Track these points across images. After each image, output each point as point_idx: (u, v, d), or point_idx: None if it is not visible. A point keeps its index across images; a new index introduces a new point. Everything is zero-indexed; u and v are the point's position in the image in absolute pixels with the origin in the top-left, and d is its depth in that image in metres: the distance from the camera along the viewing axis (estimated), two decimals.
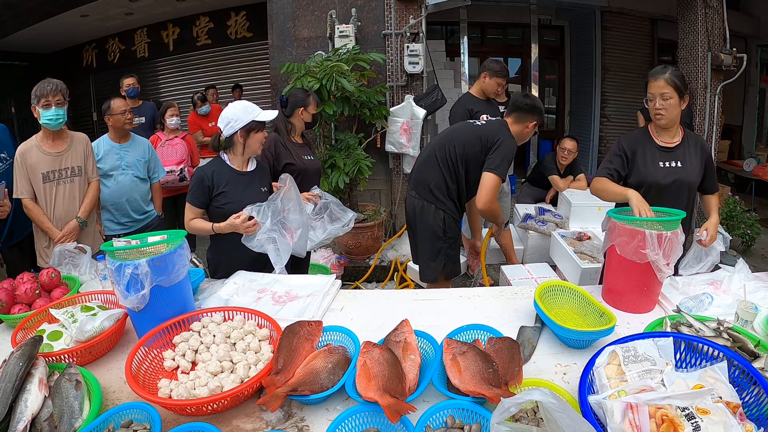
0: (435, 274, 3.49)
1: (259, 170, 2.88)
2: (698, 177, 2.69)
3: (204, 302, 2.27)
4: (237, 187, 2.73)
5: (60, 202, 3.29)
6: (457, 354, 1.57)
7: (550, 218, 4.97)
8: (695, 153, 2.68)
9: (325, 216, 3.24)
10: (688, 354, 1.53)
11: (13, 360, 1.50)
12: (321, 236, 3.20)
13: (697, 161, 2.67)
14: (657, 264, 2.02)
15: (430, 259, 3.48)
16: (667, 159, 2.67)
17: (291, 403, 1.56)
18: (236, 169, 2.78)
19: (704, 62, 6.04)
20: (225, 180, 2.72)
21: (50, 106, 3.15)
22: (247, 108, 2.69)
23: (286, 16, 6.27)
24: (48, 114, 3.14)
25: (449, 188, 3.37)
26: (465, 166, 3.32)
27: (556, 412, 1.12)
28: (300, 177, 3.34)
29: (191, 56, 10.28)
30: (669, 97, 2.52)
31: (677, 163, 2.66)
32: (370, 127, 5.88)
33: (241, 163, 2.80)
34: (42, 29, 9.21)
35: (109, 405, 1.57)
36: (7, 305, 2.20)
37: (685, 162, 2.66)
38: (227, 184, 2.71)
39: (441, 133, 3.55)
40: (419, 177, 3.45)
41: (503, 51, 10.37)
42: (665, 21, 8.66)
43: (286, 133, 3.45)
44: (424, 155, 3.49)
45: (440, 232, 3.41)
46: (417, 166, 3.51)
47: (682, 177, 2.65)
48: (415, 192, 3.45)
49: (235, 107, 2.71)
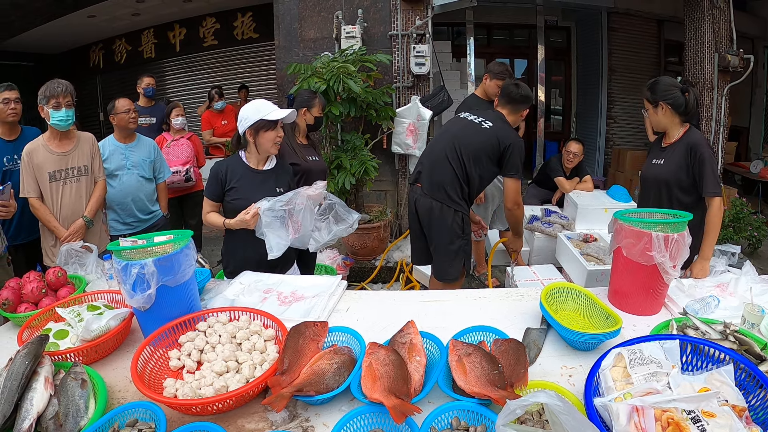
0: (457, 272, 3.56)
1: (277, 169, 2.86)
2: (675, 174, 2.80)
3: (210, 302, 2.28)
4: (249, 184, 2.73)
5: (66, 202, 3.31)
6: (462, 355, 1.57)
7: (557, 220, 4.96)
8: (681, 152, 2.79)
9: (330, 217, 3.24)
10: (694, 357, 1.52)
11: (19, 358, 1.50)
12: (326, 237, 3.19)
13: (680, 159, 2.78)
14: (663, 266, 2.02)
15: (450, 259, 3.54)
16: (657, 156, 2.95)
17: (296, 403, 1.56)
18: (251, 167, 2.79)
19: (711, 63, 6.03)
20: (238, 176, 2.74)
21: (60, 107, 3.17)
22: (259, 107, 2.69)
23: (292, 17, 6.28)
24: (58, 115, 3.16)
25: (463, 189, 3.43)
26: (477, 169, 3.39)
27: (562, 415, 1.12)
28: (304, 177, 3.36)
29: (198, 57, 10.31)
30: (646, 109, 2.93)
31: (661, 161, 2.88)
32: (376, 128, 5.88)
33: (257, 162, 2.80)
34: (49, 30, 9.26)
35: (115, 404, 1.58)
36: (13, 304, 2.21)
37: (667, 159, 2.85)
38: (239, 179, 2.72)
39: (444, 133, 3.58)
40: (433, 179, 3.45)
41: (509, 52, 10.36)
42: (672, 22, 8.65)
43: (291, 132, 3.43)
44: (433, 157, 3.49)
45: (459, 231, 3.49)
46: (428, 168, 3.50)
47: (658, 173, 2.88)
48: (430, 194, 3.45)
49: (249, 106, 2.71)
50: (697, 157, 2.71)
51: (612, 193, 5.08)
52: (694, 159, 2.72)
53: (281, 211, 2.55)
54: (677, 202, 2.82)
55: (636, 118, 8.51)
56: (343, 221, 3.19)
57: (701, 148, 2.71)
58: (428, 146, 3.63)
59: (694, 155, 2.73)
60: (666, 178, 2.83)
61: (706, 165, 2.67)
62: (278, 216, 2.56)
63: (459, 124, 3.55)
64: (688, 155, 2.75)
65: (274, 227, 2.55)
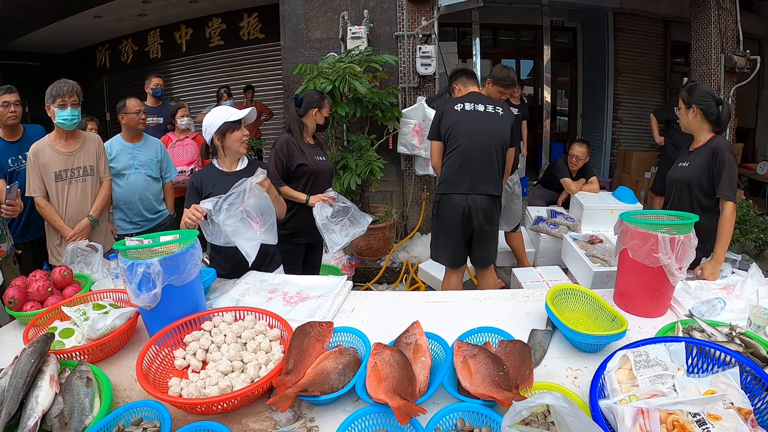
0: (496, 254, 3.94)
1: (249, 168, 2.85)
2: (697, 176, 2.85)
3: (215, 302, 2.28)
4: (224, 187, 2.72)
5: (72, 201, 3.32)
6: (467, 356, 1.57)
7: (562, 221, 4.95)
8: (704, 154, 2.84)
9: (346, 219, 3.28)
10: (700, 359, 1.52)
11: (24, 356, 1.51)
12: (344, 240, 3.27)
13: (702, 162, 2.84)
14: (669, 268, 2.01)
15: (495, 242, 3.88)
16: (683, 159, 3.00)
17: (301, 403, 1.56)
18: (224, 171, 2.81)
19: (717, 64, 6.01)
20: (212, 182, 2.76)
21: (66, 106, 3.19)
22: (221, 113, 2.72)
23: (298, 18, 6.29)
24: (64, 114, 3.18)
25: (497, 182, 3.66)
26: (503, 156, 3.66)
27: (568, 416, 1.12)
28: (312, 178, 3.40)
29: (204, 57, 10.32)
30: (680, 107, 2.98)
31: (686, 163, 2.94)
32: (382, 128, 5.88)
33: (228, 164, 2.82)
34: (55, 30, 9.29)
35: (120, 403, 1.58)
36: (19, 302, 2.22)
37: (691, 162, 2.90)
38: (214, 185, 2.74)
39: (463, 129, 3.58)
40: (474, 178, 3.58)
41: (515, 53, 10.36)
42: (678, 23, 8.62)
43: (299, 133, 3.45)
44: (477, 157, 3.56)
45: (497, 220, 3.82)
46: (464, 169, 3.58)
47: (682, 175, 2.93)
48: (475, 194, 3.58)
49: (210, 115, 2.75)
50: (717, 160, 2.76)
51: (618, 194, 5.06)
52: (715, 161, 2.77)
53: (238, 213, 2.46)
54: (698, 204, 2.86)
55: (642, 119, 8.47)
56: (359, 224, 3.24)
57: (723, 152, 2.76)
58: (462, 151, 3.58)
59: (715, 158, 2.78)
60: (688, 180, 2.89)
61: (725, 168, 2.72)
62: (238, 219, 2.46)
63: (475, 119, 3.60)
64: (710, 158, 2.80)
65: (240, 232, 2.46)
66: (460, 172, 3.57)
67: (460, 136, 3.56)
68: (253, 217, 2.47)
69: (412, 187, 6.27)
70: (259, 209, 2.54)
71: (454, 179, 3.59)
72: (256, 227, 2.48)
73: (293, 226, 3.42)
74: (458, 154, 3.57)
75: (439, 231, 3.80)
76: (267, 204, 2.59)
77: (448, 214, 3.64)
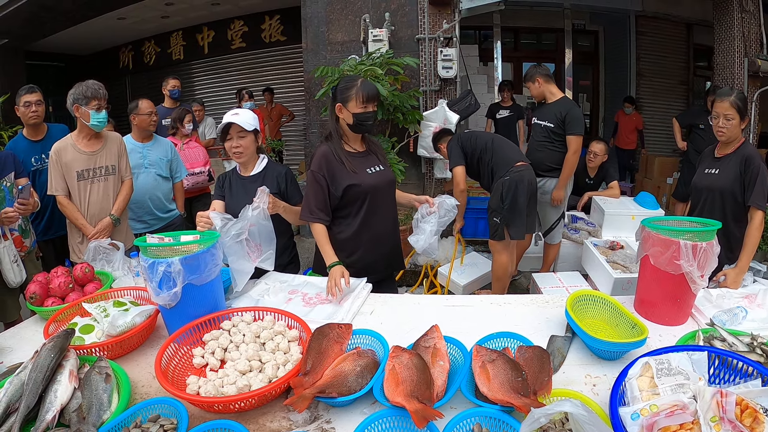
0: None
1: (264, 173, 2.84)
2: (731, 184, 2.84)
3: (234, 301, 2.29)
4: (236, 191, 2.80)
5: (94, 200, 3.36)
6: (486, 361, 1.56)
7: (583, 226, 4.91)
8: (736, 162, 2.84)
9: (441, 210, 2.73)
10: (721, 370, 1.49)
11: (44, 351, 1.53)
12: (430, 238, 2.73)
13: (735, 169, 2.83)
14: (691, 275, 1.97)
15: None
16: (712, 166, 2.98)
17: (318, 404, 1.56)
18: (240, 174, 2.86)
19: (741, 68, 5.94)
20: (230, 183, 2.85)
21: (101, 108, 3.26)
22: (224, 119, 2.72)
23: (320, 20, 6.32)
24: (99, 116, 3.25)
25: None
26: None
27: (587, 425, 1.10)
28: (368, 198, 2.63)
29: (225, 59, 10.43)
30: (731, 118, 2.82)
31: (716, 171, 2.91)
32: (403, 131, 5.89)
33: (244, 169, 2.86)
34: (79, 31, 9.45)
35: (138, 399, 1.59)
36: (40, 298, 2.25)
37: (722, 169, 2.88)
38: (231, 187, 2.83)
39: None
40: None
41: (537, 56, 10.29)
42: (701, 26, 8.53)
43: (339, 139, 2.63)
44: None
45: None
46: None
47: (712, 182, 2.91)
48: (532, 170, 4.23)
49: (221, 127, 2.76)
50: (751, 168, 2.77)
51: (639, 200, 5.01)
52: (748, 169, 2.78)
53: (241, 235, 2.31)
54: (730, 212, 2.86)
55: (665, 123, 8.39)
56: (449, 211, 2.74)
57: (756, 160, 2.79)
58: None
59: (747, 166, 2.79)
60: (720, 187, 2.88)
61: (759, 177, 2.74)
62: (238, 241, 2.30)
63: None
64: (742, 165, 2.81)
65: (235, 260, 2.31)
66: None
67: None
68: (251, 247, 2.40)
69: (433, 190, 6.26)
70: (259, 238, 2.40)
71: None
72: (252, 257, 2.39)
73: (356, 266, 2.60)
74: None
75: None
76: (267, 233, 2.42)
77: (520, 186, 4.15)
